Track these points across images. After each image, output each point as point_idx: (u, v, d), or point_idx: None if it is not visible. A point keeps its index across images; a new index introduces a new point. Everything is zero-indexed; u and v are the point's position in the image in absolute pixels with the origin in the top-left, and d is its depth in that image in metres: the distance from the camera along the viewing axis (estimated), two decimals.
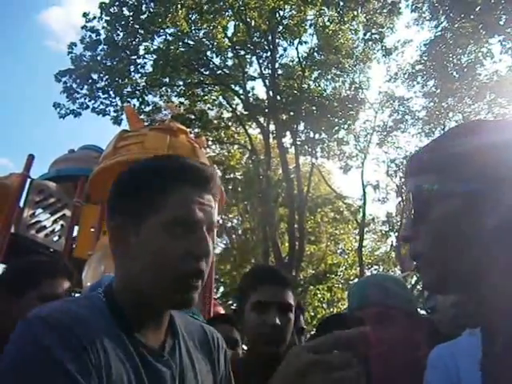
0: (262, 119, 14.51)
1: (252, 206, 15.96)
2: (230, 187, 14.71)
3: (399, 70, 14.85)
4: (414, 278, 10.99)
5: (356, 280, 13.91)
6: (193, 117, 14.40)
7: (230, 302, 13.38)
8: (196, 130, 13.71)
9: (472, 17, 11.21)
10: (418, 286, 10.43)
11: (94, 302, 0.78)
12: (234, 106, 15.19)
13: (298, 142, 14.53)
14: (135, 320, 0.79)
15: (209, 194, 0.83)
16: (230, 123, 15.67)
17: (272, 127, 14.33)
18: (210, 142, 14.69)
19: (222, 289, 16.25)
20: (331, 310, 15.58)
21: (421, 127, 14.76)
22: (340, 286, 15.91)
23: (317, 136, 14.95)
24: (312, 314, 14.84)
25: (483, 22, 10.87)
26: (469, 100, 13.74)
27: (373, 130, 15.48)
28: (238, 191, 15.59)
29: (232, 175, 16.12)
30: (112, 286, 0.83)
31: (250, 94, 14.49)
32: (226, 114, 15.69)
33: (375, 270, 17.58)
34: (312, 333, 2.37)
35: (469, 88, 13.25)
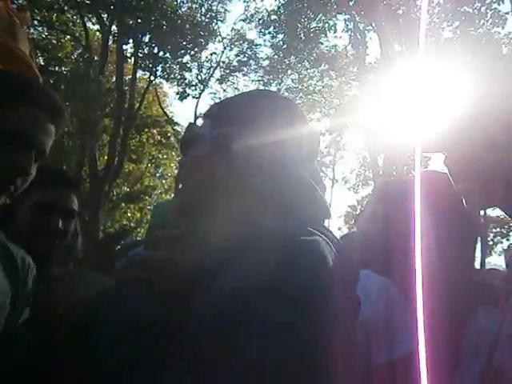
0: (105, 16, 12.97)
1: (74, 109, 14.49)
2: (52, 81, 13.01)
3: (256, 13, 15.02)
4: None
5: None
6: None
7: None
8: (21, 1, 11.50)
9: None
10: None
11: None
12: None
13: (140, 54, 13.60)
14: None
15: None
16: (66, 7, 13.55)
17: (114, 28, 13.00)
18: (36, 22, 12.61)
19: None
20: (138, 230, 15.76)
21: (261, 75, 15.44)
22: (152, 208, 16.13)
23: (161, 54, 14.21)
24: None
25: None
26: (307, 64, 14.88)
27: (217, 65, 15.52)
28: (61, 88, 13.89)
29: (57, 68, 14.24)
30: None
31: None
32: None
33: None
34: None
35: (310, 53, 14.31)
